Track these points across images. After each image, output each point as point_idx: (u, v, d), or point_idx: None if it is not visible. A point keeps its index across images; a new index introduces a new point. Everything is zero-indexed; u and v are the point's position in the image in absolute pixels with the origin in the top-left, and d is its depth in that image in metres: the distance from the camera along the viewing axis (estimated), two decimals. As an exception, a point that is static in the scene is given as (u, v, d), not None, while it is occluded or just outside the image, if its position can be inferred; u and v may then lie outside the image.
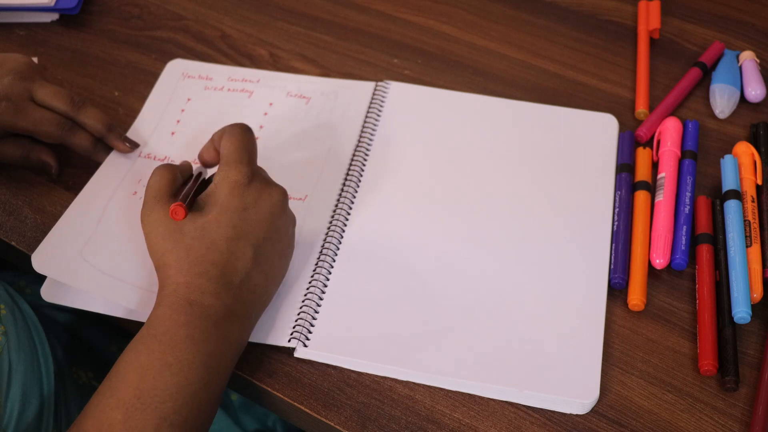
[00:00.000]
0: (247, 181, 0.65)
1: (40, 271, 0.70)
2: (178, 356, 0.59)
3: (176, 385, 0.58)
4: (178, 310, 0.61)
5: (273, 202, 0.66)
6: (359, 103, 0.84)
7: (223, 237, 0.63)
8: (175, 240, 0.63)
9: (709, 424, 0.64)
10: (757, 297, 0.69)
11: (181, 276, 0.62)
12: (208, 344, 0.60)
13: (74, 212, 0.75)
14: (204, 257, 0.62)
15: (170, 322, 0.60)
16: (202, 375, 0.59)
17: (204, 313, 0.61)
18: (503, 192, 0.77)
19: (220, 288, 0.62)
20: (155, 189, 0.66)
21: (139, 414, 0.57)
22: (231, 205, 0.64)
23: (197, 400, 0.59)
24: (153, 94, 0.86)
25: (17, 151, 0.77)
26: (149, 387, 0.58)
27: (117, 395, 0.58)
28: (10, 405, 0.68)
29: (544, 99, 0.86)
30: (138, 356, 0.59)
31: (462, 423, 0.64)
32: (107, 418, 0.57)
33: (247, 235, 0.64)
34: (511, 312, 0.69)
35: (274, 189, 0.66)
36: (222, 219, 0.63)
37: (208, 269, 0.62)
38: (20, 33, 0.93)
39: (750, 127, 0.83)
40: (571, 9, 0.96)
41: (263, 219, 0.65)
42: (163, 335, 0.60)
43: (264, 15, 0.96)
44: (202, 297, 0.61)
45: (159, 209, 0.64)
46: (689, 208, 0.75)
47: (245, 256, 0.63)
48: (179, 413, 0.58)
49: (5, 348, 0.70)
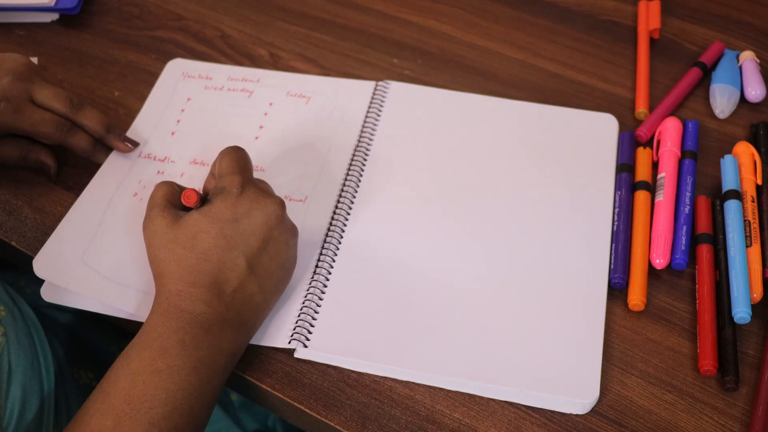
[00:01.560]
0: (239, 191, 0.65)
1: (42, 276, 0.70)
2: (168, 362, 0.59)
3: (166, 391, 0.58)
4: (170, 317, 0.61)
5: (267, 212, 0.65)
6: (359, 103, 0.84)
7: (213, 247, 0.63)
8: (170, 250, 0.63)
9: (709, 424, 0.64)
10: (757, 297, 0.69)
11: (174, 284, 0.62)
12: (199, 350, 0.60)
13: (75, 215, 0.75)
14: (195, 267, 0.62)
15: (162, 329, 0.61)
16: (193, 381, 0.60)
17: (195, 320, 0.61)
18: (503, 192, 0.77)
19: (211, 296, 0.62)
20: (154, 201, 0.66)
21: (129, 420, 0.57)
22: (222, 215, 0.64)
23: (188, 406, 0.59)
24: (153, 94, 0.86)
25: (16, 151, 0.77)
26: (139, 393, 0.58)
27: (108, 401, 0.58)
28: (10, 405, 0.68)
29: (544, 99, 0.86)
30: (129, 363, 0.60)
31: (462, 423, 0.64)
32: (97, 423, 0.58)
33: (238, 246, 0.63)
34: (511, 312, 0.69)
35: (269, 199, 0.66)
36: (212, 229, 0.63)
37: (199, 278, 0.62)
38: (20, 33, 0.93)
39: (750, 127, 0.83)
40: (571, 9, 0.96)
41: (256, 230, 0.64)
42: (154, 341, 0.60)
43: (264, 15, 0.96)
44: (194, 305, 0.61)
45: (157, 219, 0.65)
46: (689, 208, 0.75)
47: (237, 266, 0.63)
48: (169, 419, 0.58)
49: (5, 349, 0.70)
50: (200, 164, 0.79)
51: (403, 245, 0.73)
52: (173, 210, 0.65)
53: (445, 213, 0.75)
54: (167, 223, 0.64)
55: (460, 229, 0.74)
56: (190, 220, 0.64)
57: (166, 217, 0.64)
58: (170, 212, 0.65)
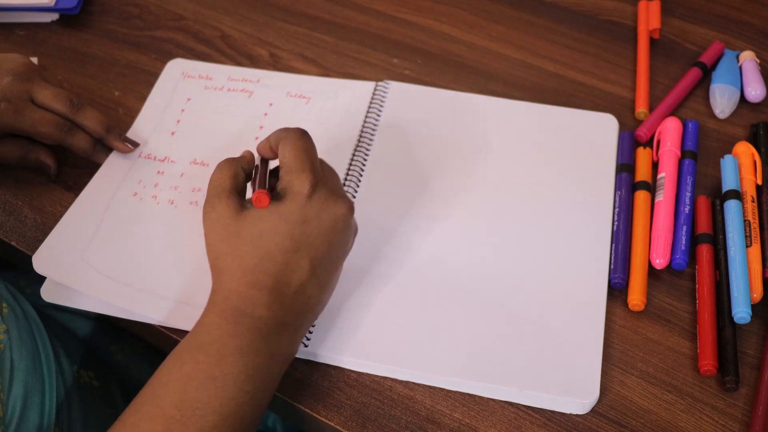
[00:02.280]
0: (311, 192, 0.62)
1: (42, 273, 0.70)
2: (224, 369, 0.57)
3: (220, 399, 0.57)
4: (228, 320, 0.59)
5: (336, 216, 0.62)
6: (359, 103, 0.84)
7: (279, 248, 0.60)
8: (231, 244, 0.61)
9: (709, 424, 0.64)
10: (757, 297, 0.69)
11: (234, 283, 0.60)
12: (256, 357, 0.59)
13: (75, 214, 0.75)
14: (258, 267, 0.60)
15: (219, 332, 0.59)
16: (248, 389, 0.58)
17: (254, 324, 0.59)
18: (503, 192, 0.77)
19: (272, 299, 0.60)
20: (217, 184, 0.63)
21: (179, 426, 0.56)
22: (291, 216, 0.61)
23: (241, 413, 0.57)
24: (153, 94, 0.86)
25: (16, 151, 0.77)
26: (191, 399, 0.56)
27: (158, 404, 0.57)
28: (12, 403, 0.68)
29: (544, 99, 0.86)
30: (182, 366, 0.58)
31: (462, 423, 0.64)
32: (146, 427, 0.56)
33: (305, 248, 0.61)
34: (511, 312, 0.69)
35: (339, 202, 0.63)
36: (280, 229, 0.61)
37: (261, 279, 0.60)
38: (20, 33, 0.93)
39: (750, 127, 0.83)
40: (571, 9, 0.96)
41: (324, 233, 0.62)
42: (210, 345, 0.58)
43: (264, 15, 0.96)
44: (254, 308, 0.60)
45: (220, 205, 0.62)
46: (689, 208, 0.75)
47: (301, 269, 0.61)
48: (221, 428, 0.56)
49: (7, 346, 0.70)
50: (200, 164, 0.79)
51: (402, 245, 0.73)
52: (239, 198, 0.63)
53: (444, 212, 0.75)
54: (231, 213, 0.62)
55: (460, 228, 0.74)
56: (257, 215, 0.61)
57: (230, 206, 0.62)
58: (235, 200, 0.62)
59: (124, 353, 0.85)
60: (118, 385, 0.83)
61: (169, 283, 0.70)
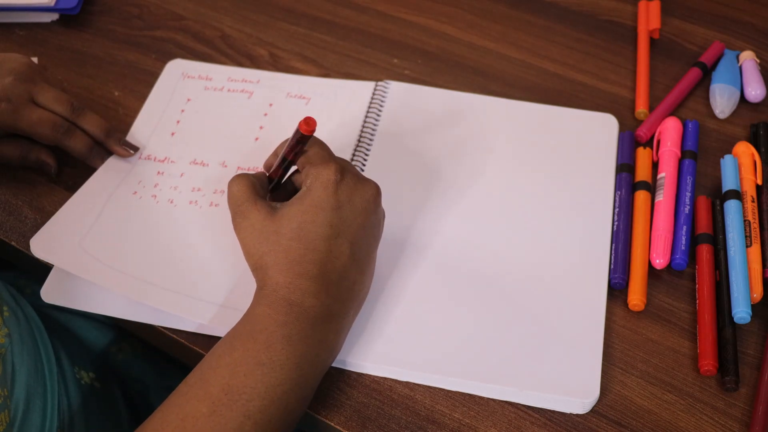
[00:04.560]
0: (340, 178, 0.64)
1: (39, 256, 0.70)
2: (272, 356, 0.59)
3: (266, 385, 0.58)
4: (278, 310, 0.61)
5: (367, 197, 0.65)
6: (359, 103, 0.84)
7: (321, 236, 0.63)
8: (272, 242, 0.63)
9: (709, 424, 0.64)
10: (757, 297, 0.69)
11: (282, 276, 0.62)
12: (303, 346, 0.60)
13: (74, 205, 0.75)
14: (303, 257, 0.62)
15: (268, 321, 0.60)
16: (294, 376, 0.59)
17: (303, 314, 0.61)
18: (503, 192, 0.77)
19: (320, 288, 0.62)
20: (238, 196, 0.65)
21: (225, 409, 0.57)
22: (326, 204, 0.63)
23: (285, 400, 0.59)
24: (153, 94, 0.86)
25: (16, 151, 0.77)
26: (239, 384, 0.58)
27: (205, 387, 0.58)
28: (14, 406, 0.68)
29: (544, 99, 0.86)
30: (232, 352, 0.60)
31: (462, 423, 0.64)
32: (192, 408, 0.58)
33: (343, 233, 0.63)
34: (511, 312, 0.69)
35: (367, 184, 0.66)
36: (318, 218, 0.63)
37: (308, 269, 0.62)
38: (20, 33, 0.93)
39: (750, 127, 0.83)
40: (571, 9, 0.96)
41: (358, 215, 0.64)
42: (259, 333, 0.60)
43: (264, 15, 0.96)
44: (303, 297, 0.61)
45: (251, 213, 0.64)
46: (689, 208, 0.75)
47: (343, 254, 0.63)
48: (265, 412, 0.58)
49: (9, 350, 0.70)
50: (200, 164, 0.79)
51: (402, 244, 0.73)
52: (266, 202, 0.65)
53: (444, 212, 0.75)
54: (264, 216, 0.64)
55: (459, 228, 0.74)
56: (292, 210, 0.64)
57: (261, 210, 0.64)
58: (264, 205, 0.65)
59: (125, 354, 0.85)
60: (119, 386, 0.83)
61: (165, 273, 0.70)
